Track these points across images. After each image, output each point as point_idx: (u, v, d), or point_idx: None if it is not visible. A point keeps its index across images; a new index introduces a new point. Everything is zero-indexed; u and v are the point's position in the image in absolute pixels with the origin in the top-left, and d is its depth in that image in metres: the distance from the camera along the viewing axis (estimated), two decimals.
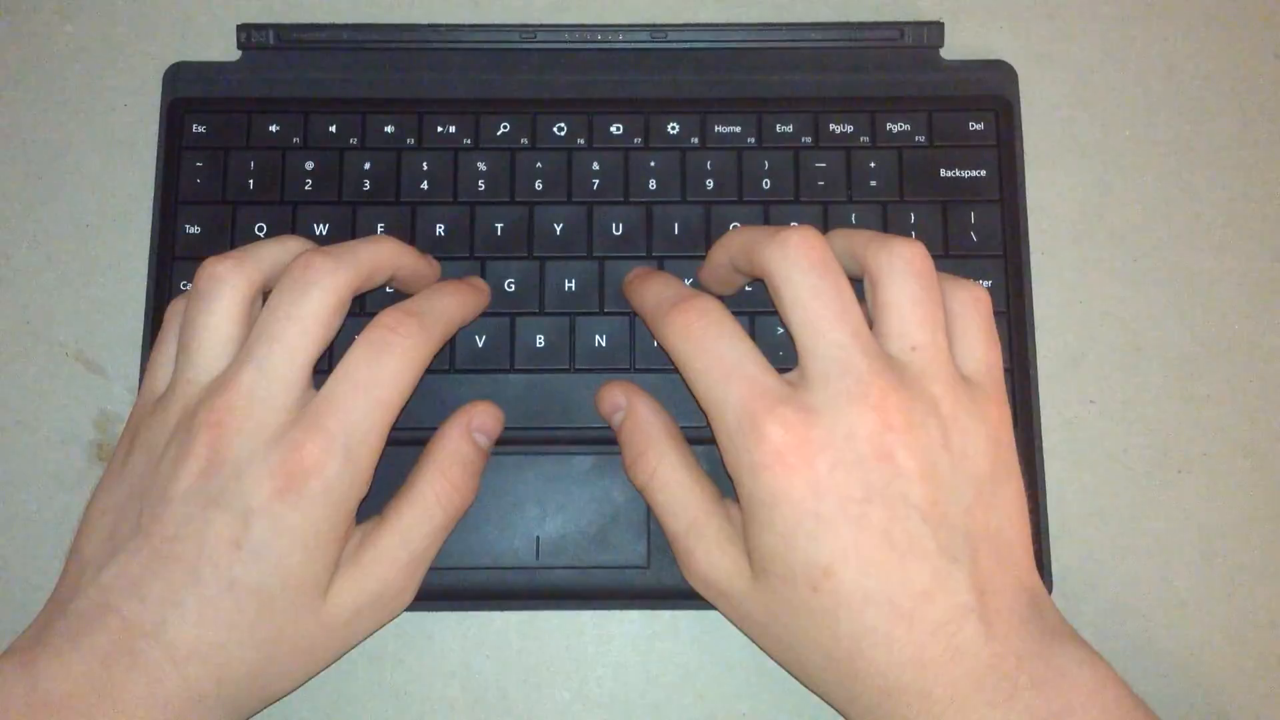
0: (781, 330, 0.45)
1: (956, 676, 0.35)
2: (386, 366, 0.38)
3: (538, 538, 0.44)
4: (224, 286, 0.39)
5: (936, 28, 0.48)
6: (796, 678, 0.39)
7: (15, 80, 0.50)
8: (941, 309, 0.38)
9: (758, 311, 0.45)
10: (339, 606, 0.38)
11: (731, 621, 0.40)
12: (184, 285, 0.45)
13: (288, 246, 0.40)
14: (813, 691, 0.39)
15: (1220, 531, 0.46)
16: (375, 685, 0.44)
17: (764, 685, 0.44)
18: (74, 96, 0.49)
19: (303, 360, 0.38)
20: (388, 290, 0.45)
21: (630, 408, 0.42)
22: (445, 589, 0.43)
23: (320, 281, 0.38)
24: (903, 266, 0.38)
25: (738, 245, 0.40)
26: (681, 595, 0.43)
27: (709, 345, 0.38)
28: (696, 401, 0.38)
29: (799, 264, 0.37)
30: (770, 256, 0.38)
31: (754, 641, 0.39)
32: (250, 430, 0.36)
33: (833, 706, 0.38)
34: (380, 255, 0.40)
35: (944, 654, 0.35)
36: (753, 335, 0.45)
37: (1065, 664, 0.35)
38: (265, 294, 0.40)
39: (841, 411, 0.36)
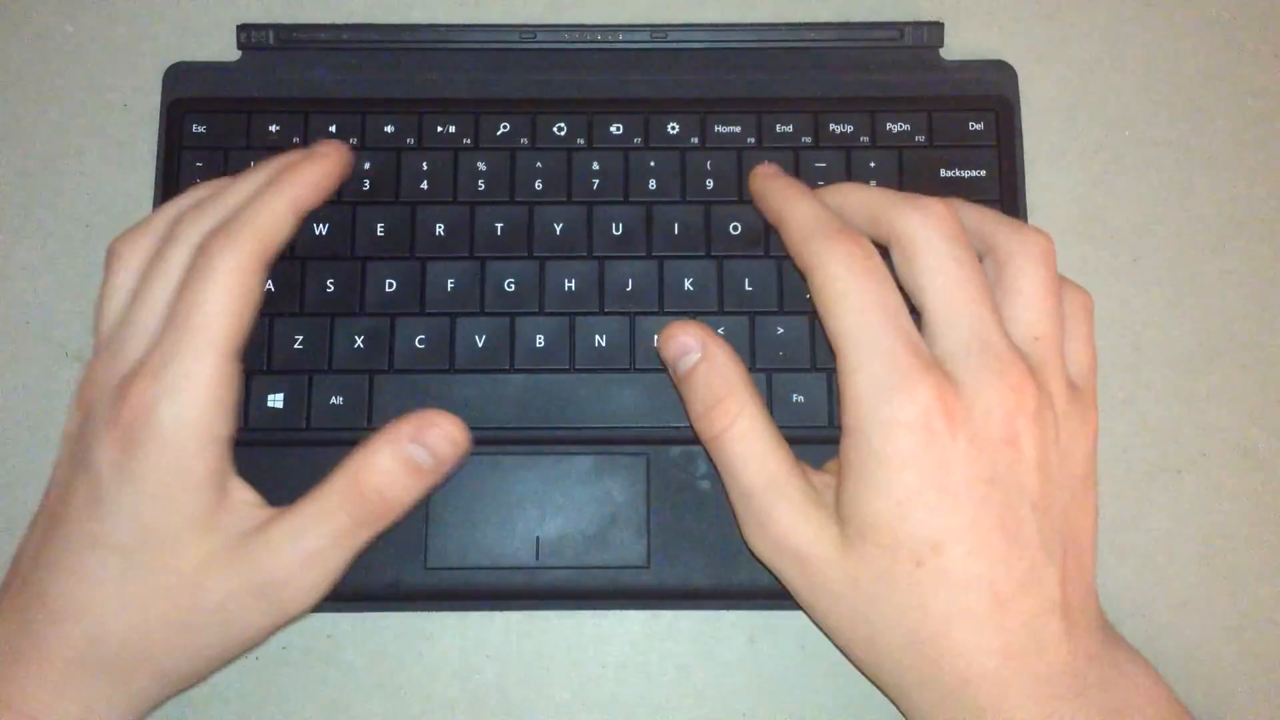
0: (781, 330, 0.45)
1: (1036, 669, 0.35)
2: (204, 295, 0.37)
3: (537, 538, 0.44)
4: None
5: (936, 28, 0.48)
6: (856, 657, 0.38)
7: (15, 80, 0.50)
8: (1061, 305, 0.38)
9: (757, 312, 0.45)
10: (215, 585, 0.36)
11: (797, 591, 0.38)
12: None
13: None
14: (869, 674, 0.38)
15: (1220, 531, 0.46)
16: (375, 685, 0.44)
17: (764, 685, 0.44)
18: (74, 96, 0.49)
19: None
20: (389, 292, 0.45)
21: (708, 351, 0.39)
22: (445, 589, 0.43)
23: (220, 269, 0.37)
24: (1039, 255, 0.37)
25: (861, 202, 0.39)
26: (681, 595, 0.43)
27: (874, 285, 0.36)
28: (831, 336, 0.37)
29: (944, 233, 0.37)
30: (910, 221, 0.37)
31: (818, 614, 0.38)
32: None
33: (891, 692, 0.38)
34: (277, 215, 0.39)
35: (1029, 646, 0.35)
36: (752, 336, 0.45)
37: (1122, 665, 0.36)
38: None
39: (983, 388, 0.35)
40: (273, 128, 0.47)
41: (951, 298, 0.36)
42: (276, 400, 0.44)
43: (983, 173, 0.46)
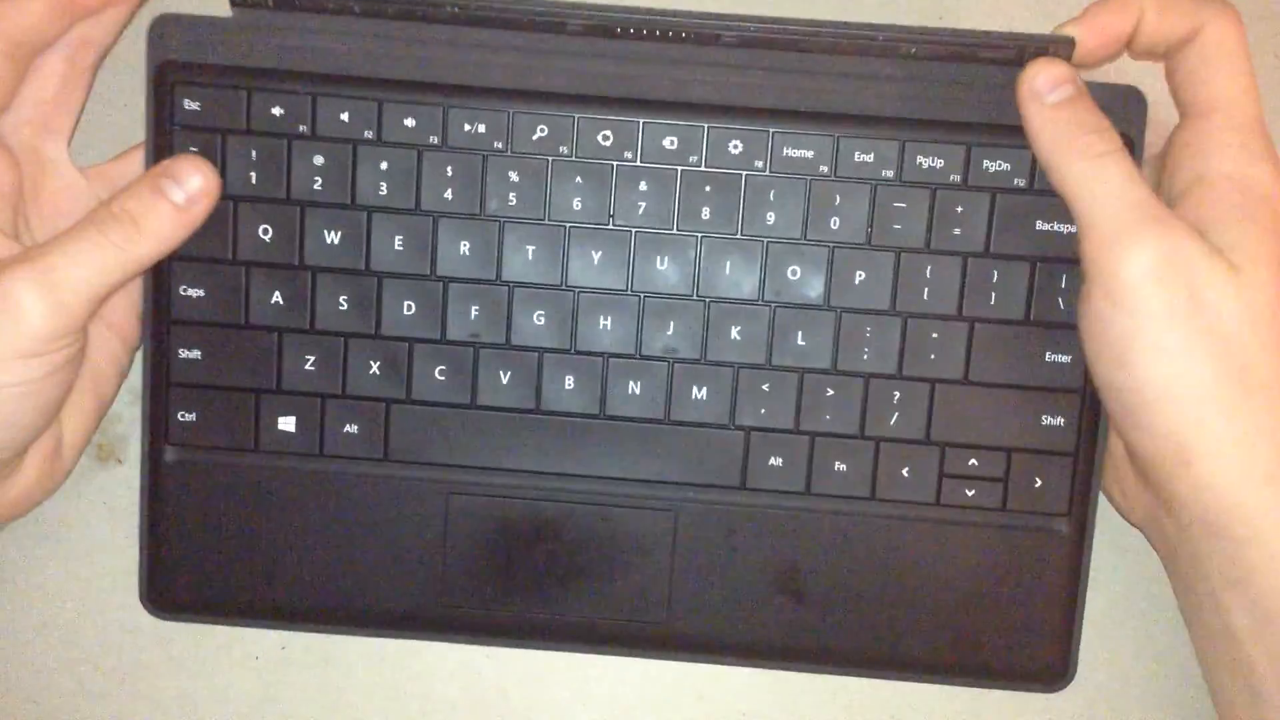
0: (832, 391, 0.41)
1: None
2: None
3: (556, 583, 0.42)
4: None
5: (1065, 45, 0.39)
6: (1189, 377, 0.37)
7: None
8: None
9: (808, 370, 0.41)
10: None
11: (1170, 313, 0.37)
12: (184, 290, 0.41)
13: None
14: (1170, 412, 0.37)
15: None
16: (375, 685, 0.45)
17: (764, 685, 0.45)
18: None
19: None
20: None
21: (1082, 89, 0.39)
22: (459, 622, 0.43)
23: None
24: None
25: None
26: (698, 648, 0.43)
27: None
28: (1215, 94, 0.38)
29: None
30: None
31: (1193, 331, 0.37)
32: None
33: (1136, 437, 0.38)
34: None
35: None
36: (799, 398, 0.41)
37: None
38: None
39: None
40: (276, 110, 0.40)
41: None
42: (288, 424, 0.42)
43: None
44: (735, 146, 0.40)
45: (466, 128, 0.40)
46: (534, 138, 0.40)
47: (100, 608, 0.45)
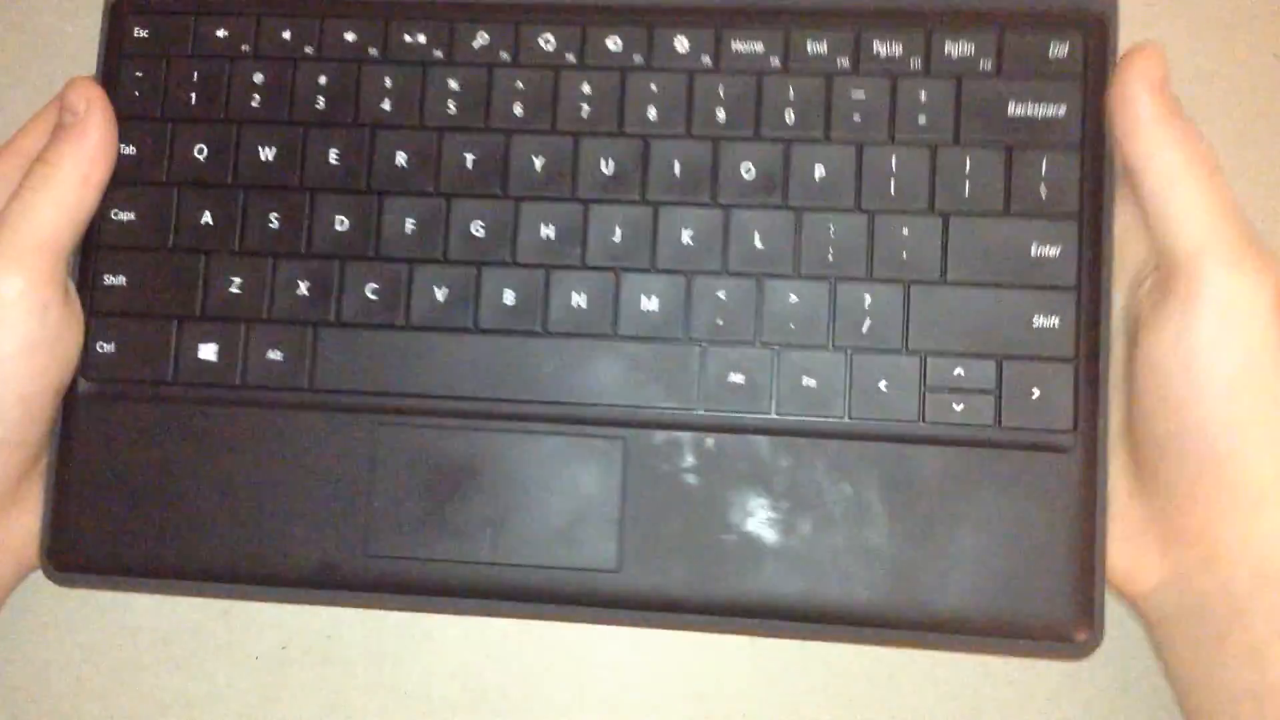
0: (795, 299, 0.37)
1: None
2: None
3: (492, 529, 0.37)
4: None
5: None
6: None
7: (17, 79, 0.46)
8: None
9: (767, 274, 0.38)
10: None
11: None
12: (115, 214, 0.39)
13: None
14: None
15: None
16: (375, 685, 0.42)
17: (764, 686, 0.41)
18: None
19: None
20: None
21: None
22: (385, 579, 0.38)
23: None
24: None
25: None
26: (653, 607, 0.37)
27: None
28: None
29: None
30: None
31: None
32: None
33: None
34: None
35: None
36: (759, 303, 0.37)
37: None
38: None
39: None
40: (220, 32, 0.40)
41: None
42: (208, 351, 0.39)
43: (1062, 110, 0.37)
44: (680, 44, 0.39)
45: (406, 38, 0.39)
46: (474, 45, 0.39)
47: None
